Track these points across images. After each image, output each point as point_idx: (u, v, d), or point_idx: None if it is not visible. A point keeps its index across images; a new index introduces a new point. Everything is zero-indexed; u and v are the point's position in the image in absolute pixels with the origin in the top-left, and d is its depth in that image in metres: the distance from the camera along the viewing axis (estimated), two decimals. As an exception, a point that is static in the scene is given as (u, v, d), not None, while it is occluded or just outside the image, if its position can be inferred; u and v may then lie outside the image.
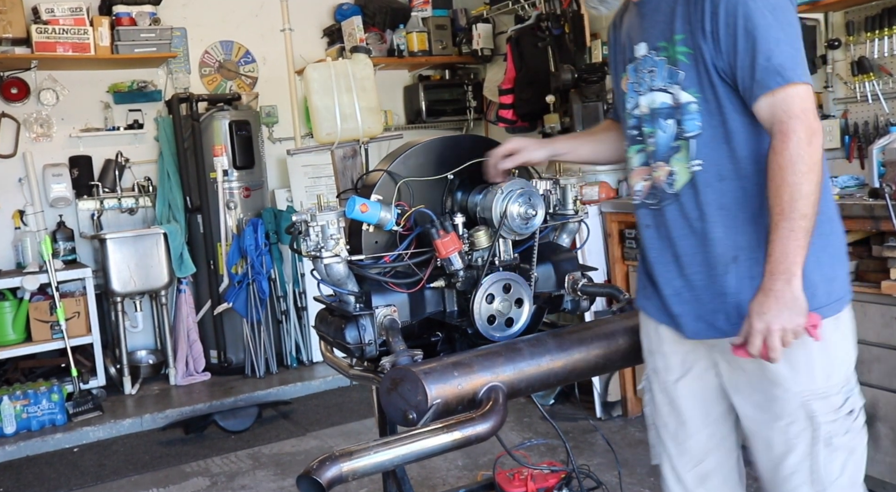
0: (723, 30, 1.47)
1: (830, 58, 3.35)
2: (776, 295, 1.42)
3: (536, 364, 1.78)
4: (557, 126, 4.49)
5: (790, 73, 1.43)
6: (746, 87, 1.47)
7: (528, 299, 1.97)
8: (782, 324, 1.42)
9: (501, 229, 1.92)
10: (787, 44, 1.45)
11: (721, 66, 1.50)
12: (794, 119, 1.42)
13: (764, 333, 1.43)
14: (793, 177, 1.41)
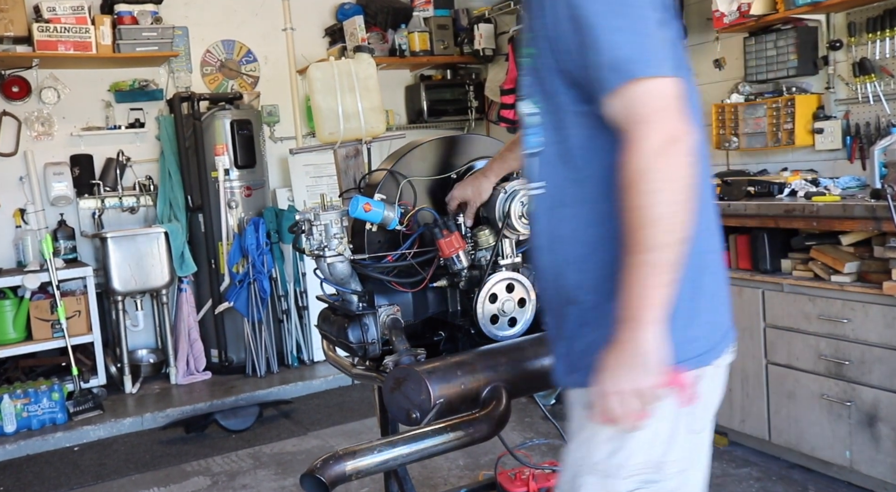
0: (551, 23, 1.20)
1: (832, 59, 3.35)
2: (620, 348, 1.15)
3: (539, 364, 1.78)
4: (559, 126, 4.49)
5: (633, 67, 1.12)
6: (592, 92, 1.18)
7: (531, 299, 1.97)
8: (624, 385, 1.14)
9: (504, 229, 1.93)
10: (628, 31, 1.13)
11: (569, 69, 1.21)
12: (640, 124, 1.12)
13: (608, 395, 1.17)
14: (638, 198, 1.11)
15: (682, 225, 1.12)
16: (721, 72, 3.92)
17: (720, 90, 3.94)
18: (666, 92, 1.13)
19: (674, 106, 1.13)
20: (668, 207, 1.11)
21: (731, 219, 3.15)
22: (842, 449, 2.81)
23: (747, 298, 3.13)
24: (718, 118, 3.83)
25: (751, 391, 3.17)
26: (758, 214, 3.01)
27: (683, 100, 1.14)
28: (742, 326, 3.17)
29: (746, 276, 3.14)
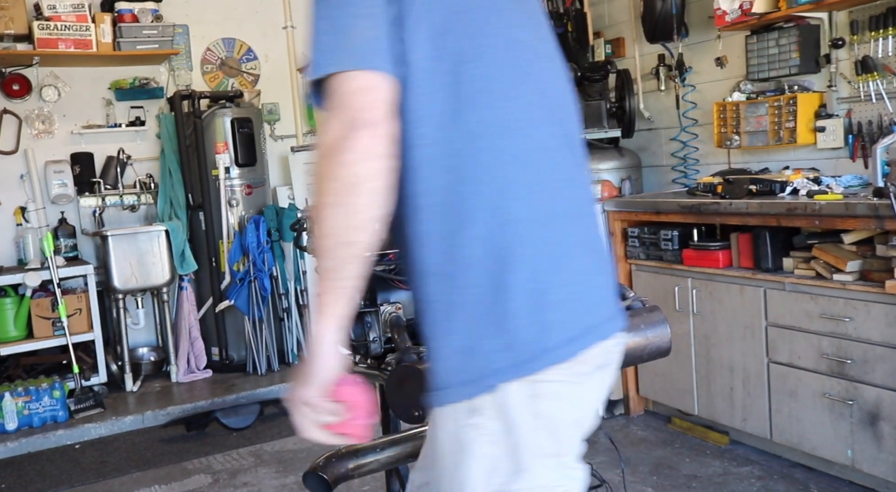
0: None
1: (834, 57, 3.35)
2: (303, 360, 1.14)
3: (542, 362, 1.78)
4: (560, 124, 4.49)
5: (321, 66, 1.06)
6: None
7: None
8: (294, 395, 1.12)
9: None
10: (328, 33, 1.08)
11: None
12: (322, 126, 1.06)
13: (287, 403, 1.15)
14: (316, 209, 1.06)
15: (340, 230, 1.05)
16: (723, 70, 3.91)
17: (722, 89, 3.94)
18: (348, 86, 1.05)
19: (357, 100, 1.04)
20: (337, 220, 1.05)
21: (732, 217, 3.15)
22: (844, 448, 2.81)
23: (749, 297, 3.13)
24: (720, 117, 3.83)
25: (752, 390, 3.17)
26: (759, 212, 3.00)
27: (382, 95, 1.06)
28: (743, 324, 3.17)
29: (748, 274, 3.14)
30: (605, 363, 1.22)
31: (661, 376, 3.64)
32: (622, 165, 4.27)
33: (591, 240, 1.22)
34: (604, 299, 1.23)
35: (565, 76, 1.28)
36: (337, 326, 1.09)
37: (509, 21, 1.20)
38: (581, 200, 1.23)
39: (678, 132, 4.22)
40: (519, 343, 1.10)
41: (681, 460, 3.30)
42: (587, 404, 1.20)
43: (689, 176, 4.19)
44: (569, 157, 1.21)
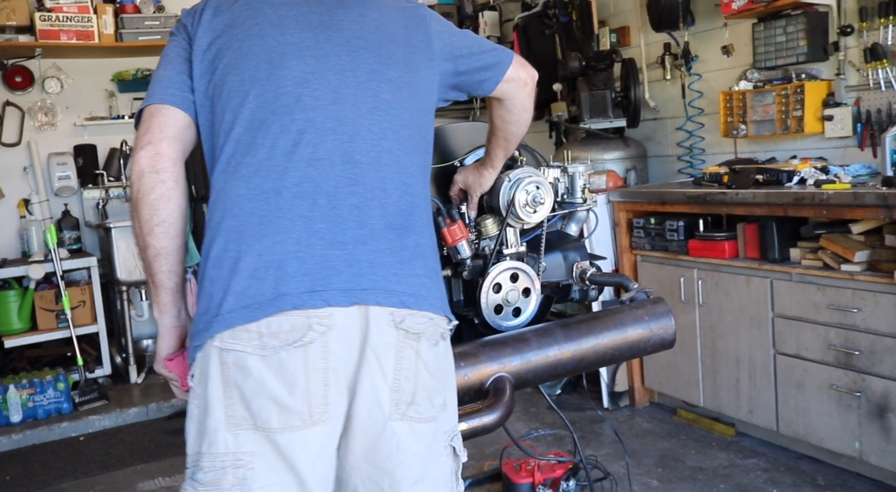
0: None
1: (843, 44, 3.30)
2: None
3: (544, 354, 1.76)
4: (564, 114, 4.46)
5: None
6: None
7: (536, 289, 1.94)
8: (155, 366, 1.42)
9: (509, 218, 1.90)
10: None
11: None
12: None
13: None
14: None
15: (137, 236, 1.31)
16: (729, 59, 3.86)
17: (728, 77, 3.89)
18: (145, 121, 1.35)
19: (140, 129, 1.34)
20: (136, 223, 1.31)
21: (738, 207, 3.11)
22: (851, 440, 2.78)
23: (755, 288, 3.10)
24: (726, 106, 3.78)
25: (758, 382, 3.14)
26: (766, 202, 2.97)
27: (160, 121, 1.33)
28: (750, 315, 3.14)
29: (755, 265, 3.10)
30: (309, 340, 1.17)
31: (667, 368, 3.61)
32: (628, 156, 4.23)
33: (331, 216, 1.25)
34: (333, 271, 1.21)
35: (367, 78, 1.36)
36: (160, 312, 1.34)
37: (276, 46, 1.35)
38: (332, 182, 1.27)
39: (684, 122, 4.18)
40: (210, 307, 1.20)
41: (686, 452, 3.28)
42: (293, 380, 1.17)
43: (696, 166, 4.14)
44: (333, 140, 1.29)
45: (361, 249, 1.25)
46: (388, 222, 1.29)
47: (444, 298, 1.36)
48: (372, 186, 1.30)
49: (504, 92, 1.60)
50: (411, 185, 1.36)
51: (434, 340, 1.31)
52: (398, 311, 1.25)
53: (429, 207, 1.44)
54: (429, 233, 1.38)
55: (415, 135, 1.39)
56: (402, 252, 1.29)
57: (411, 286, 1.28)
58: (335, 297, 1.20)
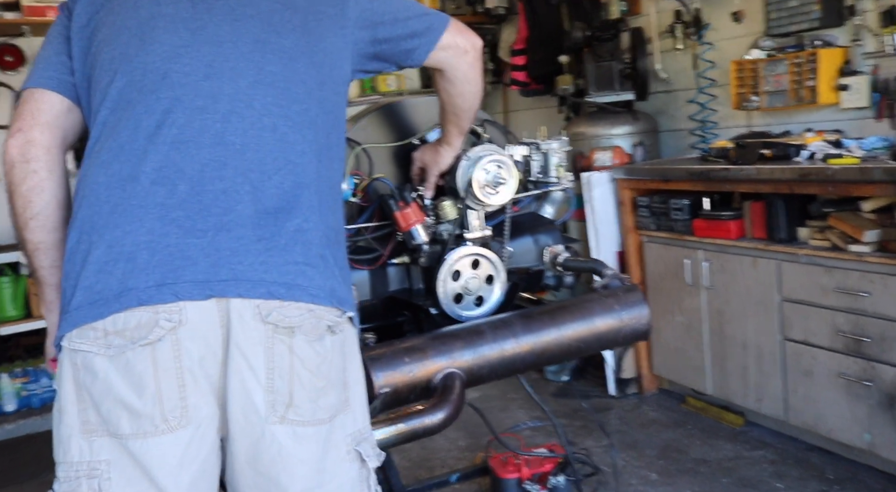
0: None
1: (859, 8, 3.06)
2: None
3: (500, 348, 1.62)
4: (570, 88, 4.26)
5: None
6: None
7: (501, 276, 1.81)
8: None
9: (468, 199, 1.76)
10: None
11: None
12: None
13: None
14: None
15: (14, 230, 1.26)
16: (740, 26, 3.64)
17: (739, 46, 3.67)
18: (17, 107, 1.28)
19: (14, 116, 1.27)
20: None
21: (742, 184, 2.93)
22: (861, 431, 2.60)
23: (762, 270, 2.91)
24: (738, 76, 3.56)
25: (766, 368, 2.97)
26: (770, 178, 2.77)
27: (32, 106, 1.26)
28: (756, 299, 2.96)
29: (761, 245, 2.91)
30: (156, 337, 1.07)
31: (674, 354, 3.44)
32: (636, 130, 4.03)
33: (192, 202, 1.13)
34: (188, 261, 1.10)
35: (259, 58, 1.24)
36: (47, 310, 1.33)
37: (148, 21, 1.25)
38: (198, 166, 1.15)
39: (696, 94, 3.96)
40: (63, 305, 1.13)
41: (691, 443, 3.12)
42: (140, 381, 1.07)
43: (708, 140, 3.93)
44: (205, 125, 1.18)
45: (224, 237, 1.12)
46: (261, 207, 1.16)
47: (335, 287, 1.21)
48: (245, 168, 1.17)
49: (441, 61, 1.45)
50: (300, 164, 1.22)
51: (316, 335, 1.16)
52: (266, 303, 1.11)
53: (327, 188, 1.28)
54: (319, 217, 1.22)
55: (311, 109, 1.25)
56: (277, 238, 1.15)
57: (284, 275, 1.14)
58: (187, 290, 1.08)
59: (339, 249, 1.27)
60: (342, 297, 1.21)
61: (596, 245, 3.60)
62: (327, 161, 1.29)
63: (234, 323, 1.10)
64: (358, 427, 1.23)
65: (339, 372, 1.20)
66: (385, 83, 5.40)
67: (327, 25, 1.31)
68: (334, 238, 1.26)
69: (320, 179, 1.25)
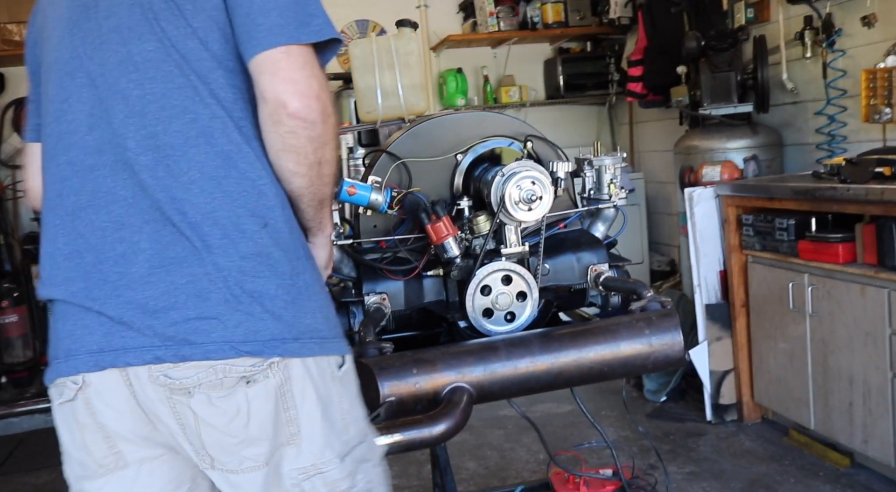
0: None
1: None
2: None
3: (513, 366, 1.61)
4: (686, 99, 4.09)
5: None
6: None
7: (533, 293, 1.79)
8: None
9: (501, 215, 1.76)
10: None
11: None
12: None
13: None
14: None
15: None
16: (871, 31, 3.35)
17: (872, 53, 3.37)
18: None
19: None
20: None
21: (850, 205, 2.69)
22: (972, 487, 2.32)
23: (871, 299, 2.67)
24: (869, 86, 3.28)
25: (874, 407, 2.71)
26: (880, 200, 2.53)
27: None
28: (865, 330, 2.71)
29: (870, 272, 2.67)
30: (69, 397, 1.14)
31: (777, 383, 3.22)
32: (755, 144, 3.81)
33: (92, 274, 1.12)
34: (86, 330, 1.12)
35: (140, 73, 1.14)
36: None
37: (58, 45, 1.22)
38: (99, 191, 1.13)
39: (824, 105, 3.68)
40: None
41: (784, 481, 2.90)
42: (70, 433, 1.16)
43: (836, 155, 3.64)
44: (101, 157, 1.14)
45: (113, 304, 1.10)
46: (156, 262, 1.11)
47: (256, 330, 1.09)
48: (141, 221, 1.15)
49: (258, 94, 1.13)
50: (188, 196, 1.12)
51: (223, 390, 1.08)
52: (156, 366, 1.08)
53: (240, 207, 1.12)
54: (224, 252, 1.10)
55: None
56: (165, 296, 1.08)
57: (171, 337, 1.07)
58: (84, 361, 1.11)
59: (273, 274, 1.12)
60: (267, 338, 1.10)
61: (696, 264, 3.43)
62: (229, 175, 1.12)
63: (136, 387, 1.10)
64: (309, 462, 1.15)
65: (267, 421, 1.11)
66: (507, 94, 5.43)
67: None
68: (262, 263, 1.11)
69: (225, 203, 1.11)
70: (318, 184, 1.18)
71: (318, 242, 1.31)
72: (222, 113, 1.13)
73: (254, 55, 1.10)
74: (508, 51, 5.49)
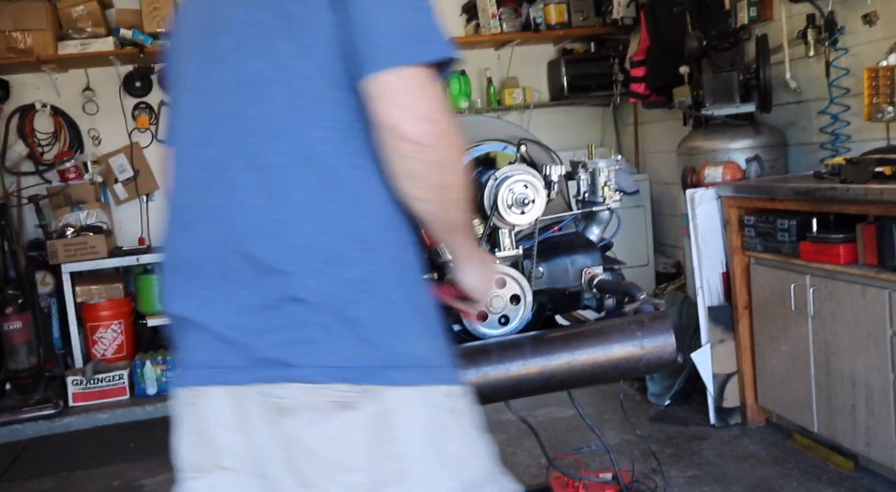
0: None
1: None
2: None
3: (505, 369, 1.61)
4: (688, 100, 4.07)
5: None
6: None
7: (527, 296, 1.78)
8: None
9: (494, 218, 1.75)
10: None
11: None
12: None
13: None
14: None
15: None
16: (873, 29, 3.33)
17: (874, 51, 3.35)
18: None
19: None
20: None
21: (850, 205, 2.68)
22: (975, 489, 2.30)
23: (871, 299, 2.65)
24: (871, 85, 3.25)
25: (876, 410, 2.69)
26: (880, 200, 2.52)
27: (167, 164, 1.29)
28: (866, 331, 2.69)
29: (871, 273, 2.65)
30: (186, 403, 1.21)
31: (780, 386, 3.20)
32: (758, 144, 3.79)
33: (200, 288, 1.16)
34: (196, 336, 1.17)
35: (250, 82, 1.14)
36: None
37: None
38: (199, 207, 1.17)
39: (827, 104, 3.66)
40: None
41: (786, 484, 2.88)
42: (180, 434, 1.23)
43: (840, 154, 3.62)
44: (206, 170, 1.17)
45: (220, 322, 1.13)
46: (256, 288, 1.11)
47: (352, 356, 1.07)
48: (239, 237, 1.16)
49: (372, 112, 1.09)
50: (286, 215, 1.12)
51: (320, 414, 1.07)
52: (255, 386, 1.09)
53: (347, 231, 1.11)
54: (324, 274, 1.08)
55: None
56: (265, 316, 1.09)
57: (270, 359, 1.08)
58: (199, 375, 1.16)
59: (372, 300, 1.09)
60: (364, 365, 1.08)
61: (699, 266, 3.42)
62: (333, 198, 1.10)
63: (237, 404, 1.12)
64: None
65: (361, 450, 1.08)
66: (511, 96, 5.43)
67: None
68: (362, 289, 1.09)
69: (326, 227, 1.09)
70: (445, 209, 1.15)
71: (462, 268, 1.33)
72: (332, 135, 1.10)
73: (366, 77, 1.07)
74: (511, 52, 5.49)
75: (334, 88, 1.10)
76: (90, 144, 5.10)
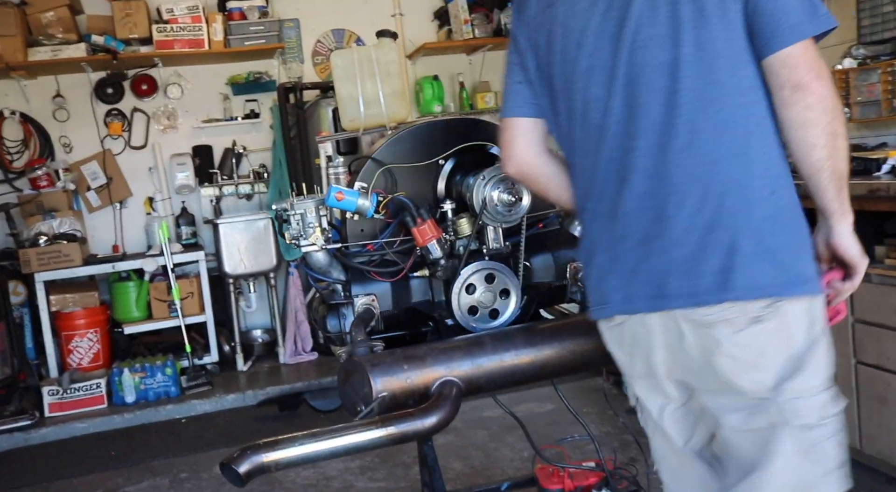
0: None
1: (955, 11, 2.87)
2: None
3: (499, 359, 1.69)
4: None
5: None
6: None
7: (515, 290, 1.86)
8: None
9: (483, 216, 1.83)
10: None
11: None
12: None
13: None
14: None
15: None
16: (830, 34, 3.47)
17: (830, 55, 3.50)
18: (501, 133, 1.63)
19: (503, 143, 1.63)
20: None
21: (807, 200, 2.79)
22: (937, 466, 2.44)
23: (836, 290, 2.78)
24: (829, 87, 3.40)
25: (842, 394, 2.82)
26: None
27: (516, 133, 1.60)
28: (831, 320, 2.82)
29: (835, 264, 2.78)
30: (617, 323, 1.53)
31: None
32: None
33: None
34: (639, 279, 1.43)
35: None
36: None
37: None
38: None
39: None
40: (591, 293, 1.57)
41: (760, 468, 3.00)
42: (620, 347, 1.56)
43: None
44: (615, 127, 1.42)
45: (656, 260, 1.38)
46: (686, 220, 1.36)
47: (764, 276, 1.31)
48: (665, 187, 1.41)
49: (769, 78, 1.33)
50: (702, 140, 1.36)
51: (738, 326, 1.33)
52: (691, 309, 1.36)
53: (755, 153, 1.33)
54: (741, 205, 1.32)
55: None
56: (697, 252, 1.34)
57: (698, 286, 1.34)
58: (639, 305, 1.43)
59: (783, 232, 1.33)
60: (774, 283, 1.31)
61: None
62: (747, 153, 1.33)
63: (672, 324, 1.41)
64: (807, 385, 1.34)
65: (771, 353, 1.34)
66: (483, 100, 5.52)
67: None
68: (775, 223, 1.32)
69: (745, 176, 1.32)
70: (836, 156, 1.32)
71: (842, 230, 1.40)
72: (744, 101, 1.33)
73: (776, 51, 1.29)
74: (483, 57, 5.59)
75: (743, 62, 1.35)
76: (61, 151, 5.08)
